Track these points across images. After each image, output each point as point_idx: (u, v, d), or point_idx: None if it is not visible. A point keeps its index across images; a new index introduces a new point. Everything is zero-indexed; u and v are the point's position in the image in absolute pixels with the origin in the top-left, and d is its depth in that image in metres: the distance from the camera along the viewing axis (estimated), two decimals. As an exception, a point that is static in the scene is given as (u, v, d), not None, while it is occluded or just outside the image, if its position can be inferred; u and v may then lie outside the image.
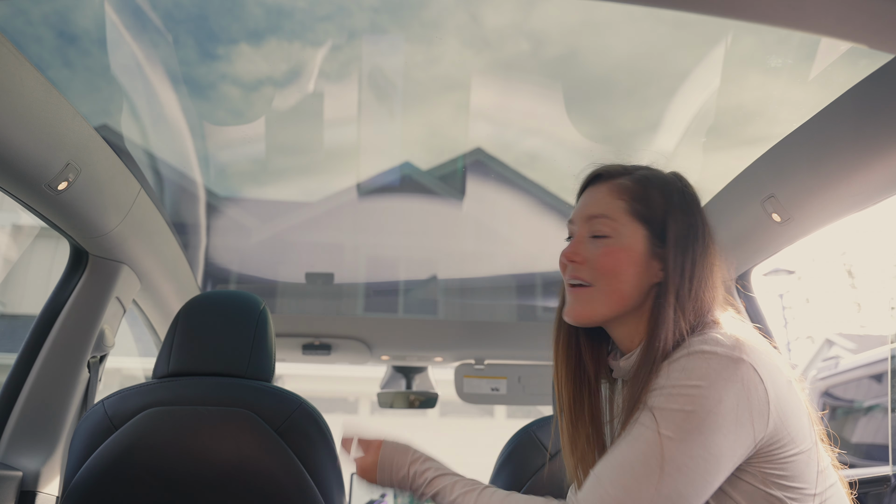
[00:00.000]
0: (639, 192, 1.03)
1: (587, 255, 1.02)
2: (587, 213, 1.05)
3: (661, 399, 0.88)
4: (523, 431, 1.62)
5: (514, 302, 2.78)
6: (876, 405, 4.23)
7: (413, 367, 3.00)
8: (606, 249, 1.01)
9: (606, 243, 1.01)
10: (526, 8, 1.77)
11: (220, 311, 1.43)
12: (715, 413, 0.85)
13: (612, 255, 1.00)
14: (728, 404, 0.85)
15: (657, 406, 0.88)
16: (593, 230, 1.03)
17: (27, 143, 1.28)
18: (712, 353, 0.88)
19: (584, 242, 1.04)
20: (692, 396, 0.86)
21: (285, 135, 2.13)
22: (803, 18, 0.98)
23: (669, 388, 0.88)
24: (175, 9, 1.68)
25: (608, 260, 1.00)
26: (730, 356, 0.88)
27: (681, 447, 0.85)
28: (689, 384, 0.87)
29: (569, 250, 1.04)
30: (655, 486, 0.85)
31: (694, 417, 0.85)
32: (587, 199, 1.07)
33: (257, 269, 2.72)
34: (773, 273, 9.96)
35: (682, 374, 0.88)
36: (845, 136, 1.33)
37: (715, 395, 0.86)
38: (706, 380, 0.86)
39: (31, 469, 1.59)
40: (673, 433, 0.86)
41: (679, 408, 0.86)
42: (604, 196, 1.04)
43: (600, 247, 1.02)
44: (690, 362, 0.88)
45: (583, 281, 1.02)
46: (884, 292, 11.58)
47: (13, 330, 5.51)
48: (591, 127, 2.02)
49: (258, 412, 1.31)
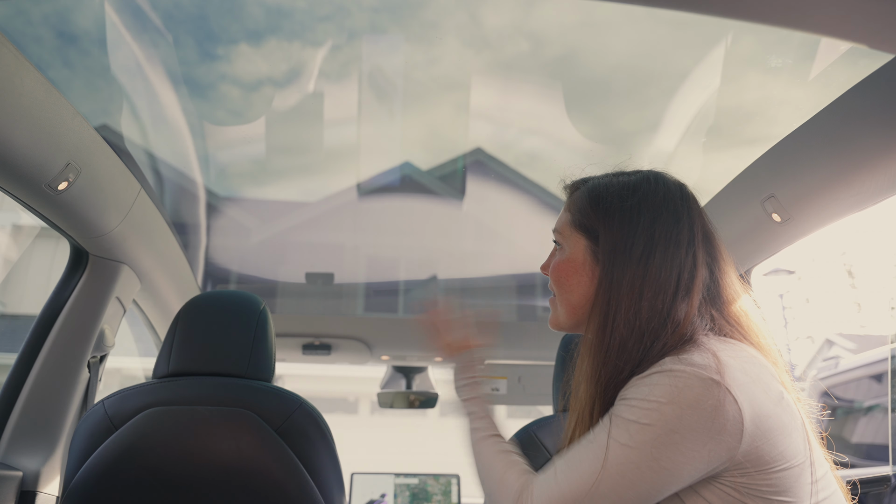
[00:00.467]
0: (582, 203, 1.07)
1: (550, 268, 1.11)
2: (554, 226, 1.12)
3: (623, 408, 0.90)
4: (523, 431, 1.62)
5: (514, 302, 2.78)
6: (876, 405, 4.23)
7: (413, 367, 3.00)
8: (557, 262, 1.08)
9: (559, 255, 1.09)
10: (525, 8, 1.77)
11: (220, 311, 1.43)
12: (672, 431, 0.85)
13: (559, 266, 1.07)
14: (688, 424, 0.85)
15: (617, 413, 0.91)
16: (555, 243, 1.11)
17: (27, 143, 1.28)
18: (682, 371, 0.87)
19: (552, 254, 1.13)
20: (651, 412, 0.87)
21: (285, 135, 2.13)
22: (803, 18, 0.98)
23: (633, 400, 0.90)
24: (175, 9, 1.68)
25: (557, 271, 1.08)
26: (700, 377, 0.86)
27: (628, 454, 0.87)
28: (652, 399, 0.87)
29: (545, 263, 1.13)
30: (594, 483, 0.88)
31: (649, 431, 0.86)
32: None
33: (257, 269, 2.73)
34: (773, 273, 9.96)
35: (647, 390, 0.89)
36: (845, 136, 1.33)
37: (675, 413, 0.85)
38: (669, 398, 0.86)
39: (31, 469, 1.59)
40: (624, 440, 0.88)
41: (635, 419, 0.88)
42: (561, 211, 1.12)
43: (555, 260, 1.09)
44: (659, 379, 0.89)
45: (552, 291, 1.11)
46: (884, 292, 11.58)
47: (13, 330, 5.51)
48: (590, 127, 2.02)
49: (258, 412, 1.31)
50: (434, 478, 2.87)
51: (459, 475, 2.89)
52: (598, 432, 0.92)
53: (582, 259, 1.05)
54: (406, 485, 2.85)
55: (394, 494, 2.83)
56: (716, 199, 1.78)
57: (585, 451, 0.92)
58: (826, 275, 12.42)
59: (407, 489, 2.84)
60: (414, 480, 2.86)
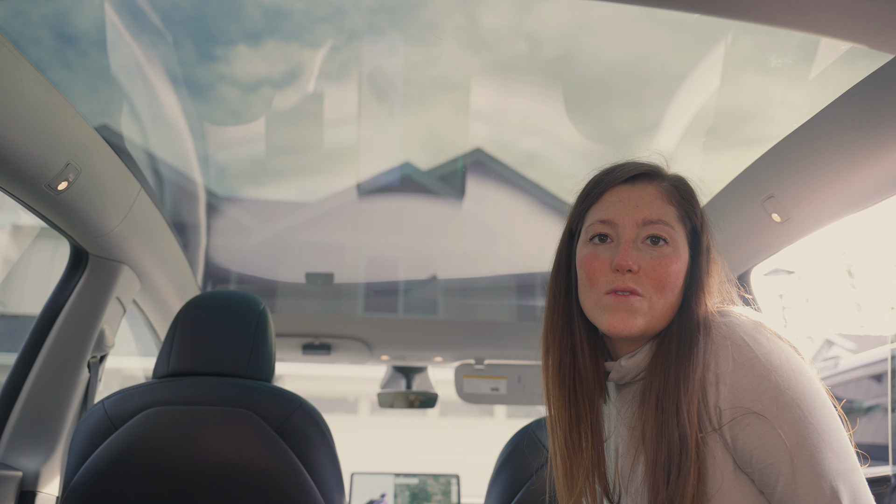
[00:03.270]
0: (682, 197, 0.99)
1: (642, 264, 0.93)
2: (642, 216, 0.95)
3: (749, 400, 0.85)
4: (523, 431, 1.62)
5: (514, 302, 2.78)
6: (876, 405, 4.23)
7: (413, 367, 3.00)
8: (666, 260, 0.93)
9: (664, 252, 0.94)
10: (522, 9, 1.77)
11: (220, 311, 1.43)
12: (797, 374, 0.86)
13: (671, 265, 0.93)
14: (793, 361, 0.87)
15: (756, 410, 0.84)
16: (647, 235, 0.95)
17: (27, 143, 1.28)
18: (740, 326, 0.89)
19: (638, 249, 0.94)
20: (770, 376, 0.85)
21: (285, 135, 2.13)
22: (803, 18, 0.98)
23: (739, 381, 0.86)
24: (173, 10, 1.68)
25: (669, 271, 0.93)
26: (756, 327, 0.89)
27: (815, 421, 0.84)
28: (757, 362, 0.85)
29: (625, 259, 0.92)
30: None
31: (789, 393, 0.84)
32: (634, 198, 0.97)
33: (257, 269, 2.73)
34: (773, 273, 9.96)
35: (737, 362, 0.86)
36: (845, 136, 1.33)
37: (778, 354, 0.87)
38: (762, 349, 0.86)
39: (31, 469, 1.59)
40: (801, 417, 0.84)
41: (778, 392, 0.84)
42: (655, 199, 0.97)
43: (657, 256, 0.93)
44: (731, 349, 0.87)
45: (634, 291, 0.93)
46: (884, 292, 11.58)
47: (13, 330, 5.51)
48: (589, 127, 2.02)
49: (258, 412, 1.31)
50: (434, 478, 2.87)
51: (459, 475, 2.89)
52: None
53: (686, 257, 0.96)
54: (406, 485, 2.85)
55: (393, 494, 2.83)
56: (716, 199, 1.78)
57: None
58: (826, 275, 12.42)
59: (407, 489, 2.84)
60: (414, 480, 2.86)
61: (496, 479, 1.62)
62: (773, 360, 0.85)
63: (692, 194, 1.01)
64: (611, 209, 0.97)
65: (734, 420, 0.85)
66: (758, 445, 0.84)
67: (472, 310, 2.75)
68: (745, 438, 0.85)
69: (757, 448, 0.84)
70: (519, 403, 2.71)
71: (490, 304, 2.75)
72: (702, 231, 0.99)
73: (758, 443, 0.84)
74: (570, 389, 1.01)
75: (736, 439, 0.85)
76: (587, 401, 0.99)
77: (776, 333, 0.90)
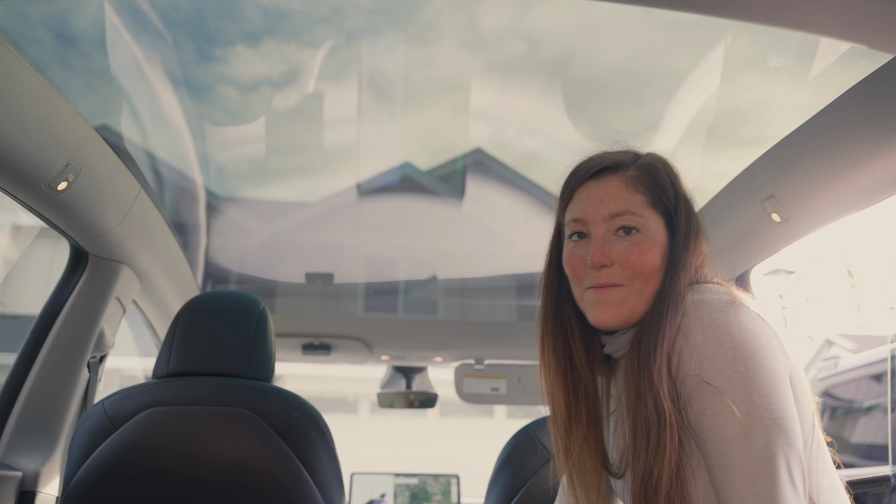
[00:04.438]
0: (650, 181, 1.00)
1: (615, 256, 0.96)
2: (607, 210, 0.98)
3: (705, 370, 0.86)
4: (523, 431, 1.62)
5: (514, 302, 2.78)
6: (876, 405, 4.23)
7: (413, 367, 3.00)
8: (639, 248, 0.96)
9: (636, 240, 0.96)
10: (521, 9, 1.77)
11: (220, 311, 1.43)
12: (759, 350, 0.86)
13: (645, 252, 0.95)
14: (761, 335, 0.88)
15: (708, 377, 0.85)
16: (617, 227, 0.97)
17: (27, 143, 1.28)
18: (708, 300, 0.90)
19: (609, 242, 0.97)
20: (733, 344, 0.85)
21: (285, 135, 2.13)
22: (803, 18, 0.98)
23: (700, 352, 0.87)
24: (172, 10, 1.68)
25: (644, 258, 0.95)
26: (727, 300, 0.90)
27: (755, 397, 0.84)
28: (719, 335, 0.86)
29: (597, 255, 0.95)
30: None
31: (744, 362, 0.84)
32: (597, 194, 1.00)
33: (257, 269, 2.73)
34: (773, 273, 9.96)
35: (704, 336, 0.87)
36: (845, 136, 1.33)
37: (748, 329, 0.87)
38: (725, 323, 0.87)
39: (30, 469, 1.59)
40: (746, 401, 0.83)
41: (726, 362, 0.85)
42: (620, 190, 0.99)
43: (629, 245, 0.96)
44: (699, 318, 0.88)
45: (615, 282, 0.96)
46: (884, 292, 11.58)
47: (13, 330, 5.51)
48: (589, 127, 2.02)
49: (258, 412, 1.31)
50: (434, 478, 2.87)
51: (459, 475, 2.89)
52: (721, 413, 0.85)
53: (665, 240, 0.97)
54: (406, 485, 2.85)
55: (393, 494, 2.83)
56: (715, 199, 1.78)
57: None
58: (826, 275, 12.42)
59: (407, 489, 2.84)
60: (414, 480, 2.86)
61: (496, 479, 1.62)
62: (736, 333, 0.86)
63: (662, 175, 1.02)
64: (580, 207, 1.01)
65: (692, 389, 0.87)
66: (706, 415, 0.85)
67: (471, 310, 2.75)
68: (697, 406, 0.86)
69: (705, 417, 0.85)
70: (519, 403, 2.71)
71: (490, 304, 2.75)
72: (676, 211, 1.00)
73: (707, 412, 0.85)
74: (565, 371, 1.06)
75: (690, 408, 0.87)
76: (581, 380, 1.04)
77: (750, 308, 0.90)
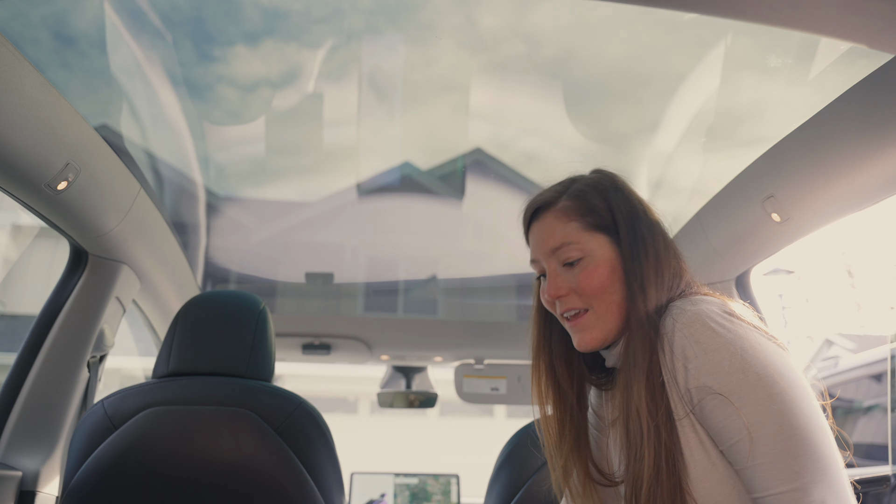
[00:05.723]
0: (582, 206, 1.05)
1: (570, 286, 1.03)
2: (547, 247, 1.05)
3: (706, 377, 0.88)
4: (523, 431, 1.62)
5: (514, 302, 2.78)
6: (876, 405, 4.22)
7: (413, 367, 3.00)
8: (585, 273, 1.02)
9: (582, 266, 1.02)
10: (520, 10, 1.77)
11: (220, 311, 1.43)
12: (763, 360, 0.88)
13: (591, 274, 1.01)
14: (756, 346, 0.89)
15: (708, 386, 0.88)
16: (562, 260, 1.04)
17: (27, 143, 1.28)
18: (702, 300, 0.93)
19: (559, 275, 1.04)
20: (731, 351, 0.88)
21: (284, 135, 2.13)
22: (803, 18, 0.98)
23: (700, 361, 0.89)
24: (172, 11, 1.68)
25: (591, 281, 1.01)
26: (718, 312, 0.92)
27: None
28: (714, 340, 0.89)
29: (550, 289, 1.04)
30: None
31: (751, 371, 0.87)
32: (538, 234, 1.08)
33: (257, 269, 2.73)
34: (773, 273, 9.96)
35: (694, 341, 0.90)
36: (845, 136, 1.33)
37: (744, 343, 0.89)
38: (720, 327, 0.89)
39: (30, 469, 1.59)
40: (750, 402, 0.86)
41: (733, 369, 0.87)
42: (553, 225, 1.05)
43: (577, 272, 1.02)
44: (690, 327, 0.90)
45: (577, 309, 1.03)
46: (884, 292, 11.58)
47: (13, 330, 5.51)
48: (589, 127, 2.02)
49: (258, 412, 1.31)
50: (434, 478, 2.87)
51: (459, 475, 2.89)
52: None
53: (611, 255, 1.02)
54: (406, 485, 2.85)
55: (393, 494, 2.83)
56: (715, 199, 1.78)
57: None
58: (826, 275, 12.42)
59: (407, 489, 2.84)
60: (414, 480, 2.86)
61: (496, 479, 1.62)
62: (738, 343, 0.88)
63: (592, 198, 1.05)
64: (532, 249, 1.10)
65: (701, 402, 0.89)
66: (725, 425, 0.88)
67: (471, 310, 2.75)
68: (713, 419, 0.89)
69: (724, 428, 0.88)
70: (519, 403, 2.71)
71: (490, 304, 2.75)
72: (616, 225, 1.03)
73: (724, 423, 0.88)
74: (554, 392, 1.11)
75: (705, 421, 0.90)
76: (567, 400, 1.10)
77: (743, 318, 0.92)
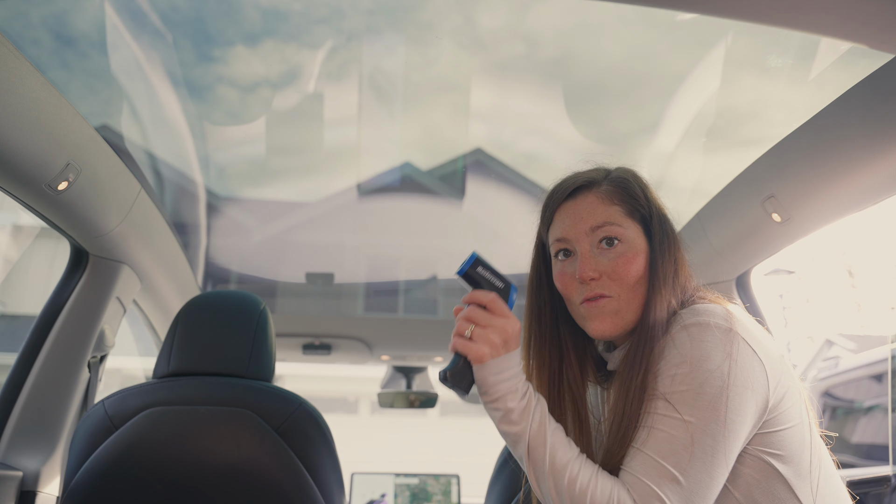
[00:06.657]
0: (625, 193, 1.04)
1: (602, 269, 0.99)
2: (587, 224, 1.01)
3: (668, 383, 0.89)
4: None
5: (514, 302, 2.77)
6: (876, 405, 4.22)
7: (413, 367, 3.00)
8: (623, 258, 0.99)
9: (620, 251, 1.00)
10: (520, 10, 1.77)
11: (220, 311, 1.43)
12: (722, 386, 0.87)
13: (630, 262, 0.99)
14: (729, 373, 0.88)
15: (668, 391, 0.89)
16: (599, 239, 1.01)
17: (27, 143, 1.28)
18: (706, 324, 0.90)
19: (594, 256, 1.00)
20: (696, 374, 0.88)
21: (284, 135, 2.13)
22: (803, 18, 0.99)
23: (672, 369, 0.90)
24: (172, 11, 1.68)
25: (629, 268, 0.98)
26: (721, 326, 0.90)
27: (702, 427, 0.86)
28: (692, 360, 0.88)
29: (584, 269, 0.99)
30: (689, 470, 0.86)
31: (703, 395, 0.87)
32: (577, 212, 1.03)
33: (257, 269, 2.73)
34: (773, 273, 9.97)
35: (678, 353, 0.90)
36: (845, 136, 1.33)
37: (716, 366, 0.88)
38: (705, 352, 0.88)
39: (31, 469, 1.59)
40: (692, 415, 0.87)
41: (687, 388, 0.88)
42: (596, 205, 1.02)
43: (614, 257, 0.99)
44: (686, 337, 0.90)
45: (603, 295, 0.99)
46: (884, 292, 11.59)
47: (13, 330, 5.51)
48: (588, 127, 2.02)
49: (258, 412, 1.31)
50: (434, 478, 2.87)
51: (459, 475, 2.89)
52: (659, 419, 0.89)
53: (645, 248, 1.01)
54: (406, 485, 2.85)
55: (394, 494, 2.83)
56: (715, 199, 1.78)
57: (661, 441, 0.88)
58: (826, 275, 12.43)
59: (407, 489, 2.84)
60: (414, 480, 2.86)
61: (496, 479, 1.62)
62: (711, 361, 0.88)
63: (633, 186, 1.05)
64: (562, 226, 1.05)
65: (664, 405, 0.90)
66: (663, 428, 0.89)
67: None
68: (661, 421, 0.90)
69: (661, 430, 0.89)
70: (519, 403, 2.71)
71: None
72: (651, 217, 1.03)
73: (664, 425, 0.89)
74: (557, 389, 1.08)
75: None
76: (573, 395, 1.07)
77: (741, 335, 0.90)
